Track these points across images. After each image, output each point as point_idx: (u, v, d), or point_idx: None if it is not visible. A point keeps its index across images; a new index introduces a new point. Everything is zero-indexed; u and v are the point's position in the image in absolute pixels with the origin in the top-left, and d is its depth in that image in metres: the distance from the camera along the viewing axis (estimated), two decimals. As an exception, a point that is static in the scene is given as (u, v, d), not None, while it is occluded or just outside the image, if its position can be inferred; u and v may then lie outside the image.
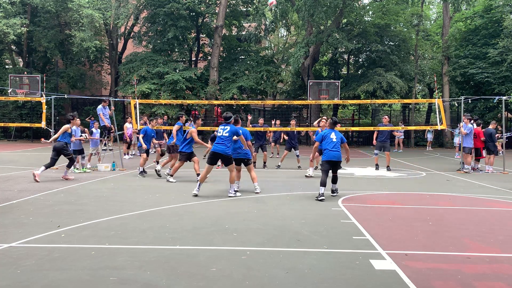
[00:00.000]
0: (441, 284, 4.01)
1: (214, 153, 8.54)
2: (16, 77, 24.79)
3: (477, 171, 13.63)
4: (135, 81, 24.67)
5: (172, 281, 4.00)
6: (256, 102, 22.22)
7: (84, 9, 25.95)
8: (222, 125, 8.78)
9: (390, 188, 9.96)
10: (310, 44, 26.31)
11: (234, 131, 8.62)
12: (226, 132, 8.58)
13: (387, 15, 26.97)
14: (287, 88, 37.32)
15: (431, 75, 30.38)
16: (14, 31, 25.94)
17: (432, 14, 37.73)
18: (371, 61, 29.53)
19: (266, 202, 7.97)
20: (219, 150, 8.48)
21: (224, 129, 8.64)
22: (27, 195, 8.28)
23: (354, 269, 4.36)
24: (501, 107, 16.61)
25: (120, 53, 33.30)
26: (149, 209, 7.14)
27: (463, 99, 14.69)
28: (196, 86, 28.32)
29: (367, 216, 6.86)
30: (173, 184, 10.11)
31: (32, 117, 28.39)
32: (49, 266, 4.34)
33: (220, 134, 8.61)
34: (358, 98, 27.90)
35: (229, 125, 8.72)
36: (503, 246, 5.27)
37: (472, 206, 7.92)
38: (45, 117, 14.11)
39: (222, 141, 8.51)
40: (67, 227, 5.88)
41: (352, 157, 10.82)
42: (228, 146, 8.54)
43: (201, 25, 31.31)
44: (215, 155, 8.57)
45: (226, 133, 8.56)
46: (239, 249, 4.99)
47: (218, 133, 8.69)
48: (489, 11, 26.57)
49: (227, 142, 8.55)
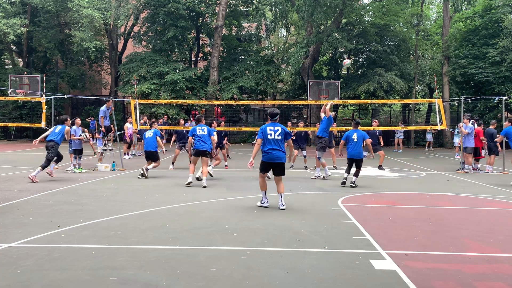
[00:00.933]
0: (441, 284, 4.01)
1: (270, 163, 7.28)
2: (16, 77, 24.79)
3: (477, 171, 13.63)
4: (135, 81, 24.68)
5: (172, 281, 4.00)
6: (256, 102, 22.25)
7: (84, 9, 25.96)
8: (270, 125, 7.34)
9: (390, 188, 9.96)
10: (310, 44, 26.31)
11: (285, 133, 7.36)
12: (278, 134, 7.23)
13: (387, 15, 26.97)
14: (287, 88, 37.32)
15: (431, 75, 30.37)
16: (14, 31, 25.95)
17: (432, 14, 37.72)
18: (371, 61, 29.53)
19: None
20: (279, 157, 7.20)
21: (275, 130, 7.24)
22: (27, 195, 8.28)
23: (354, 269, 4.36)
24: (501, 107, 16.61)
25: (120, 53, 33.31)
26: (149, 209, 7.13)
27: (463, 99, 14.69)
28: (196, 86, 28.33)
29: (367, 216, 6.86)
30: (173, 184, 10.11)
31: (32, 117, 28.40)
32: (49, 266, 4.34)
33: (272, 137, 7.22)
34: (358, 98, 27.90)
35: (278, 125, 7.32)
36: (503, 246, 5.26)
37: (472, 206, 7.92)
38: (45, 117, 14.12)
39: (276, 145, 7.23)
40: (67, 227, 5.88)
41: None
42: (283, 150, 7.34)
43: (201, 25, 31.32)
44: (271, 165, 7.32)
45: (279, 136, 7.25)
46: (239, 249, 4.99)
47: (269, 135, 7.21)
48: (489, 11, 26.57)
49: (282, 145, 7.32)
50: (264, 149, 7.29)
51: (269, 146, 7.22)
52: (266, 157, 7.27)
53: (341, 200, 8.20)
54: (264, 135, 7.26)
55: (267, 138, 7.22)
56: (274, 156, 7.19)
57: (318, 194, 8.92)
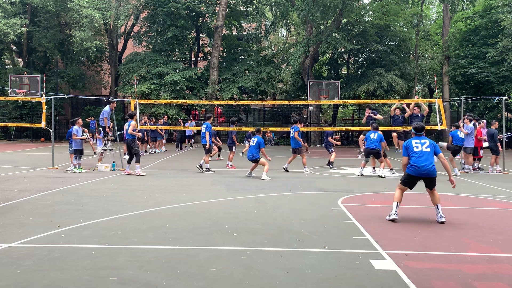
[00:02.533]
0: (441, 284, 4.01)
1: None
2: (16, 77, 24.83)
3: (477, 170, 13.63)
4: (135, 81, 24.68)
5: (172, 281, 4.00)
6: (256, 102, 22.22)
7: (84, 9, 25.97)
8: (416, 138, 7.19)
9: (390, 188, 9.95)
10: (310, 44, 26.31)
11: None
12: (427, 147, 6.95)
13: (387, 15, 26.98)
14: (287, 88, 37.34)
15: (431, 75, 30.39)
16: (14, 31, 25.95)
17: (432, 14, 37.74)
18: (371, 61, 29.54)
19: (266, 202, 7.97)
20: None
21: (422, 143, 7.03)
22: (27, 195, 8.28)
23: (354, 269, 4.36)
24: (501, 107, 16.61)
25: (120, 53, 33.32)
26: (149, 209, 7.13)
27: (463, 99, 14.69)
28: (196, 86, 28.34)
29: (367, 216, 6.86)
30: (173, 184, 10.12)
31: (32, 117, 28.40)
32: (49, 266, 4.34)
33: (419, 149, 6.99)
34: (358, 98, 27.90)
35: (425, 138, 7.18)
36: (503, 246, 5.26)
37: (472, 206, 7.93)
38: (45, 117, 14.10)
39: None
40: (67, 227, 5.88)
41: (352, 157, 10.97)
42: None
43: (201, 25, 31.33)
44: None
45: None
46: (239, 249, 4.99)
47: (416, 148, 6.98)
48: (489, 11, 26.57)
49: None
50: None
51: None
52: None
53: (341, 200, 8.20)
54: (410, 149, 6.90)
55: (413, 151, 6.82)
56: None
57: (318, 194, 8.92)
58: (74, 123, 12.46)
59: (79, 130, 12.29)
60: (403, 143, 7.22)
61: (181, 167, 13.69)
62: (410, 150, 6.83)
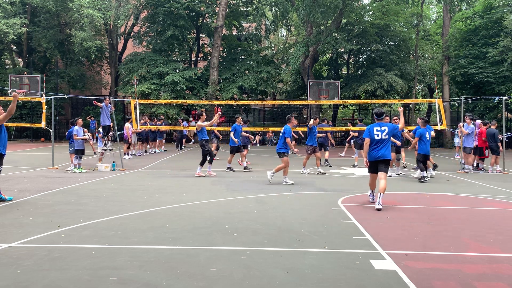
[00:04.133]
0: (441, 284, 4.01)
1: (379, 160, 7.55)
2: (16, 77, 24.81)
3: (481, 170, 13.62)
4: (135, 81, 24.67)
5: (172, 281, 4.00)
6: (256, 102, 22.21)
7: (85, 9, 25.97)
8: (376, 125, 7.63)
9: (390, 188, 9.95)
10: (310, 45, 26.30)
11: (392, 129, 7.69)
12: (385, 134, 7.46)
13: (387, 15, 26.98)
14: (287, 88, 37.33)
15: (431, 75, 30.35)
16: (14, 31, 25.95)
17: (432, 14, 37.73)
18: (371, 61, 29.53)
19: (266, 202, 7.97)
20: (384, 155, 7.47)
21: (382, 131, 7.51)
22: (27, 195, 8.28)
23: (354, 269, 4.36)
24: (501, 107, 16.60)
25: (120, 53, 33.31)
26: (149, 209, 7.13)
27: (463, 99, 14.69)
28: (196, 86, 28.33)
29: (367, 216, 6.86)
30: (173, 184, 10.12)
31: (32, 117, 28.40)
32: (49, 266, 4.34)
33: (379, 137, 7.46)
34: (358, 98, 27.89)
35: (385, 124, 7.56)
36: (503, 246, 5.26)
37: (472, 206, 7.92)
38: (45, 117, 14.10)
39: (383, 144, 7.53)
40: (67, 227, 5.88)
41: (351, 157, 10.95)
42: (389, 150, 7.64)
43: (201, 25, 31.33)
44: (380, 161, 7.56)
45: (386, 136, 7.53)
46: (239, 249, 4.99)
47: (376, 136, 7.47)
48: (489, 11, 26.56)
49: (389, 144, 7.61)
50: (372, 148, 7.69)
51: (375, 145, 7.65)
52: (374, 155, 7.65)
53: (341, 200, 8.20)
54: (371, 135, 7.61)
55: (376, 138, 7.55)
56: (381, 154, 7.65)
57: (318, 194, 8.92)
58: (74, 123, 12.46)
59: (79, 130, 12.29)
60: (367, 127, 7.90)
61: (181, 167, 13.69)
62: (371, 136, 7.59)
